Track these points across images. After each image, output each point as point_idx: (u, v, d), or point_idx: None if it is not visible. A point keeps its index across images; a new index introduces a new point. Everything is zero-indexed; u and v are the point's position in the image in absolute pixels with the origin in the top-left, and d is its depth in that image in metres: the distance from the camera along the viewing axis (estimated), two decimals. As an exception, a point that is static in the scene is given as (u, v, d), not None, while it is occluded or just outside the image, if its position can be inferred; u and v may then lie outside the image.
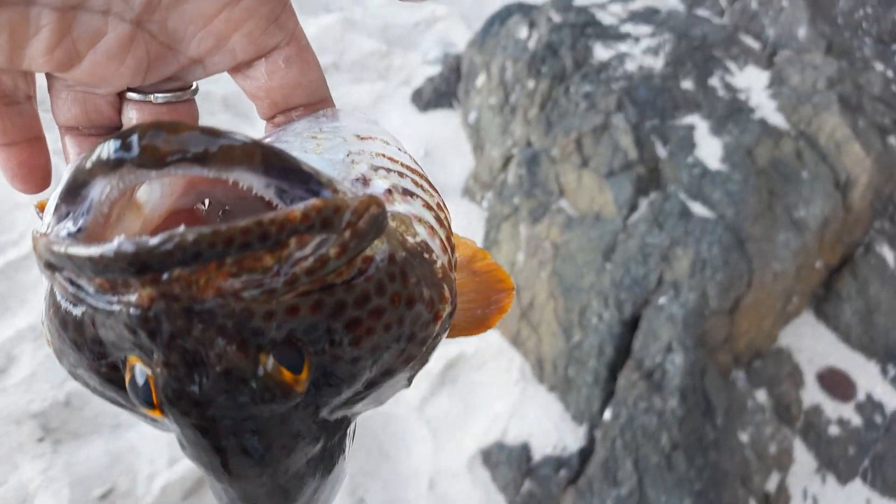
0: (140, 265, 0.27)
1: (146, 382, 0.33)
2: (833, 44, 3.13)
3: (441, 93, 3.96)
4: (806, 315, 2.56)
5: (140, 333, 0.31)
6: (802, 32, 3.12)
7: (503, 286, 0.53)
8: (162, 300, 0.29)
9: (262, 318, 0.31)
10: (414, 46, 4.73)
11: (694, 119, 2.62)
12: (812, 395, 2.36)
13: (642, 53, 2.89)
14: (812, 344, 2.49)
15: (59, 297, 0.35)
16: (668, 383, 2.09)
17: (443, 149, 3.76)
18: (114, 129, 0.47)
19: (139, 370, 0.33)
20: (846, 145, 2.52)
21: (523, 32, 3.29)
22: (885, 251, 2.61)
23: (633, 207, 2.46)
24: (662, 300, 2.22)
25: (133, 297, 0.30)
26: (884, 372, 2.42)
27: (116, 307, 0.31)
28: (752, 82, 2.82)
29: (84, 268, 0.29)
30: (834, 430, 2.29)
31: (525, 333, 2.63)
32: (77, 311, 0.34)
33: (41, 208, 0.47)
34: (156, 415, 0.34)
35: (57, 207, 0.34)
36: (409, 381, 0.43)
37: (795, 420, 2.30)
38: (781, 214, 2.38)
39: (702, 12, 3.49)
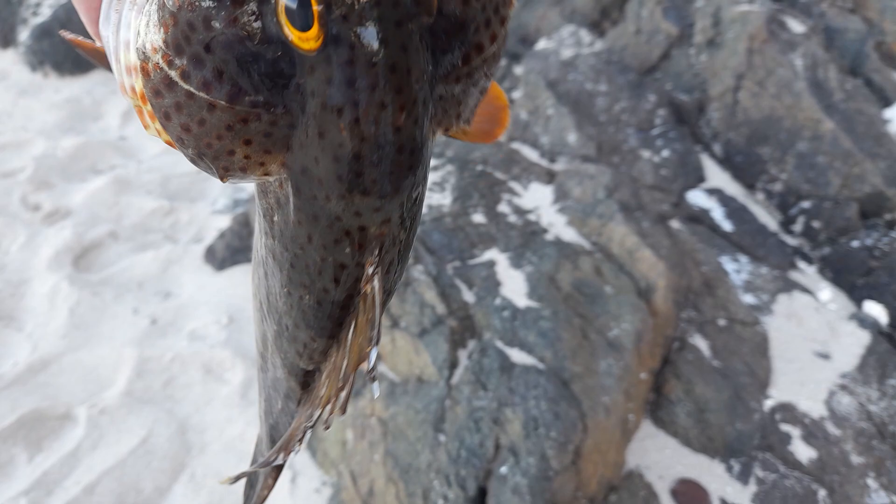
0: None
1: (300, 4, 0.37)
2: (602, 143, 3.29)
3: (235, 248, 3.65)
4: (646, 426, 2.52)
5: None
6: (572, 138, 3.24)
7: (500, 101, 0.58)
8: None
9: None
10: (201, 196, 4.39)
11: (493, 254, 2.56)
12: (672, 515, 2.29)
13: (429, 191, 2.81)
14: (658, 457, 2.44)
15: None
16: (531, 568, 1.90)
17: (249, 311, 3.43)
18: None
19: None
20: (638, 252, 2.57)
21: (306, 182, 3.12)
22: (698, 341, 2.67)
23: (453, 364, 2.30)
24: (503, 469, 2.05)
25: None
26: (729, 469, 2.42)
27: None
28: (539, 200, 2.83)
29: None
30: (701, 549, 2.23)
31: (372, 524, 2.33)
32: None
33: None
34: (307, 41, 0.38)
35: None
36: (470, 111, 0.49)
37: (663, 550, 2.21)
38: (597, 339, 2.34)
39: (479, 126, 3.54)
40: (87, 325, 3.21)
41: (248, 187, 4.30)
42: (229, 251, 3.65)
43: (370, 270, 0.53)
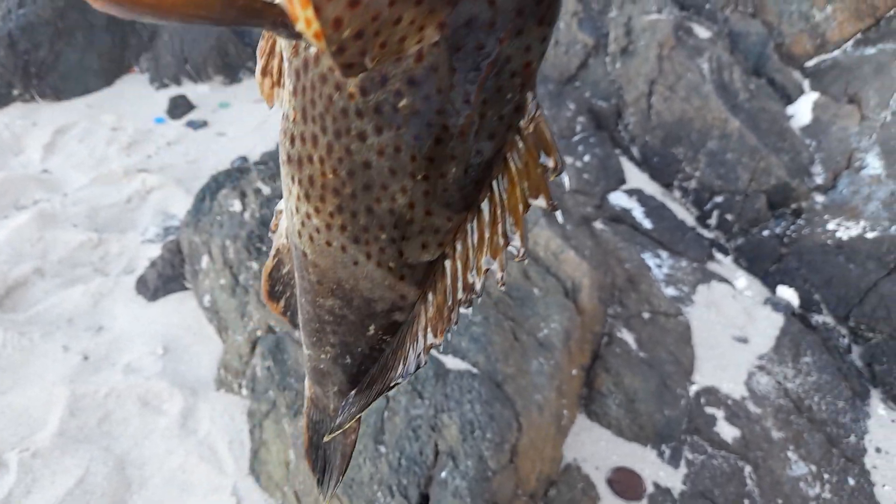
0: None
1: None
2: (526, 151, 3.40)
3: (168, 277, 3.60)
4: (580, 420, 2.62)
5: None
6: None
7: None
8: None
9: None
10: (131, 226, 4.31)
11: (423, 265, 2.62)
12: (609, 504, 2.39)
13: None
14: (593, 449, 2.54)
15: None
16: (474, 567, 1.95)
17: (184, 340, 3.39)
18: None
19: None
20: (562, 254, 2.67)
21: (236, 205, 3.12)
22: (626, 335, 2.79)
23: (390, 376, 2.35)
24: (443, 474, 2.10)
25: None
26: (660, 455, 2.53)
27: None
28: (466, 210, 2.91)
29: None
30: (638, 534, 2.33)
31: (320, 541, 2.35)
32: None
33: None
34: None
35: None
36: None
37: (603, 538, 2.30)
38: (528, 341, 2.42)
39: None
40: (15, 367, 3.12)
41: (180, 213, 4.24)
42: (162, 280, 3.60)
43: (534, 108, 0.53)
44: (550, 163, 0.54)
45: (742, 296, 3.17)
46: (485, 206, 0.60)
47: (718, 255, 3.39)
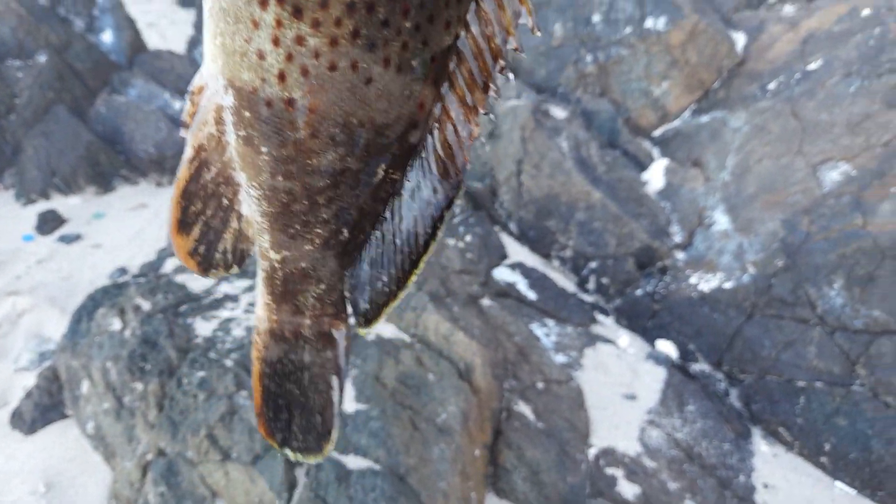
0: None
1: None
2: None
3: (46, 407, 3.36)
4: (490, 499, 2.65)
5: None
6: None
7: None
8: None
9: None
10: (1, 354, 4.01)
11: (317, 364, 2.62)
12: (525, 581, 2.41)
13: (244, 312, 2.84)
14: (504, 528, 2.57)
15: None
16: None
17: (68, 473, 3.15)
18: None
19: None
20: (452, 336, 2.76)
21: (116, 324, 3.00)
22: (523, 407, 2.89)
23: (291, 485, 2.30)
24: (355, 580, 2.06)
25: None
26: (568, 523, 2.60)
27: None
28: (356, 304, 2.96)
29: None
30: None
31: None
32: None
33: None
34: None
35: None
36: None
37: None
38: (427, 428, 2.45)
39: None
40: None
41: (56, 336, 4.00)
42: (39, 410, 3.35)
43: None
44: None
45: (626, 354, 3.37)
46: None
47: (600, 317, 3.60)
